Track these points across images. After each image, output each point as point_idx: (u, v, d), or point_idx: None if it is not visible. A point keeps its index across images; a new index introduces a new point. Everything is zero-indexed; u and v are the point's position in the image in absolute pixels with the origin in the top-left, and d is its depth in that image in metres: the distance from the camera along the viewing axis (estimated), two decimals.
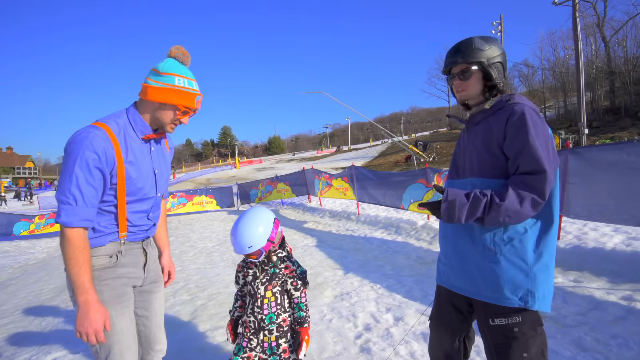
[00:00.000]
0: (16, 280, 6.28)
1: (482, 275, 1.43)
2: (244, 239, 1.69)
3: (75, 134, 1.36)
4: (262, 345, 1.81)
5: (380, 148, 43.90)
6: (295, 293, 1.83)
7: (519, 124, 1.34)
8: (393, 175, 8.06)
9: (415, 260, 5.05)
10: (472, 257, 1.46)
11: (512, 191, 1.31)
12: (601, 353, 2.36)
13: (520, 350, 1.35)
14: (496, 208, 1.31)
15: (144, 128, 1.52)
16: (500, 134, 1.40)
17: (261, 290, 1.80)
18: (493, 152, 1.42)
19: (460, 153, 1.62)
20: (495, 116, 1.44)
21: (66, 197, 1.32)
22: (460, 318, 1.60)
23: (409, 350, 2.56)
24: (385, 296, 3.73)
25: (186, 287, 4.51)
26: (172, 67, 1.48)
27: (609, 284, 3.48)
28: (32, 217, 11.60)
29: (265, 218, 1.75)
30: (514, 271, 1.37)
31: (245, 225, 1.71)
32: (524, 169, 1.33)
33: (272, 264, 1.81)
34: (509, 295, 1.36)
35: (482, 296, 1.43)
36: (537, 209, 1.31)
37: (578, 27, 18.53)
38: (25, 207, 27.44)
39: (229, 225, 10.18)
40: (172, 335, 3.05)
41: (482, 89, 1.50)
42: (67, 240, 1.32)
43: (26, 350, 3.10)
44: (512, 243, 1.38)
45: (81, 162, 1.32)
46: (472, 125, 1.55)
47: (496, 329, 1.39)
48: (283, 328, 1.82)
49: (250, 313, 1.82)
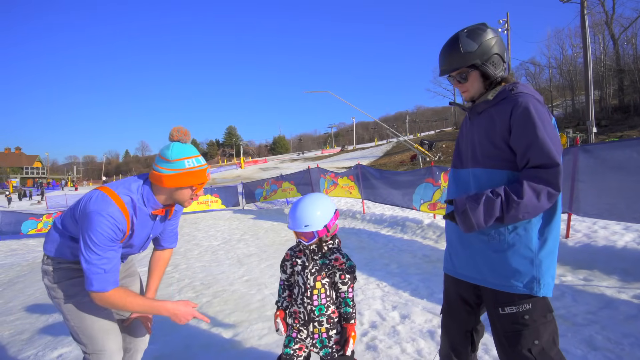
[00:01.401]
0: (24, 277, 6.34)
1: (487, 263, 1.42)
2: (302, 216, 1.68)
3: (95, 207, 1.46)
4: (312, 337, 1.79)
5: (385, 147, 43.76)
6: (342, 287, 1.78)
7: (525, 117, 1.32)
8: (399, 174, 8.00)
9: (421, 259, 5.01)
10: (477, 245, 1.45)
11: (528, 187, 1.28)
12: (613, 352, 2.30)
13: (532, 337, 1.34)
14: (515, 206, 1.29)
15: (155, 205, 1.63)
16: (504, 126, 1.37)
17: (310, 281, 1.78)
18: (496, 144, 1.40)
19: (463, 142, 1.60)
20: (498, 107, 1.41)
21: (96, 268, 1.45)
22: (468, 310, 1.59)
23: (416, 348, 2.53)
24: (391, 294, 3.69)
25: (191, 285, 4.51)
26: (179, 152, 1.56)
27: (620, 283, 3.42)
28: (40, 216, 11.72)
29: (327, 204, 1.75)
30: (519, 259, 1.36)
31: (307, 204, 1.71)
32: (535, 162, 1.30)
33: (321, 254, 1.79)
34: (514, 282, 1.36)
35: (487, 283, 1.42)
36: (552, 201, 1.30)
37: (586, 24, 18.27)
38: (34, 206, 27.76)
39: (234, 224, 10.20)
40: (176, 332, 3.06)
41: (483, 84, 1.47)
42: (108, 302, 1.49)
43: (33, 346, 3.11)
44: (517, 231, 1.37)
45: (101, 240, 1.44)
46: (475, 115, 1.52)
47: (506, 317, 1.38)
48: (333, 320, 1.80)
49: (300, 304, 1.80)
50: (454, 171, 1.63)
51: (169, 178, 1.55)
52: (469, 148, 1.52)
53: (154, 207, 1.63)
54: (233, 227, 9.66)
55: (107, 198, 1.49)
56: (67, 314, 1.61)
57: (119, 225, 1.49)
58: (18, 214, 12.09)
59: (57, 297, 1.62)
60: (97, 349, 1.59)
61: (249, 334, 2.93)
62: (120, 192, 1.54)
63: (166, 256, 1.97)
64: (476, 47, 1.40)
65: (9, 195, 32.83)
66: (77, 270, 1.60)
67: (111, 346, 1.62)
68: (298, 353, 1.80)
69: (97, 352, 1.59)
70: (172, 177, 1.55)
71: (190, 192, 1.63)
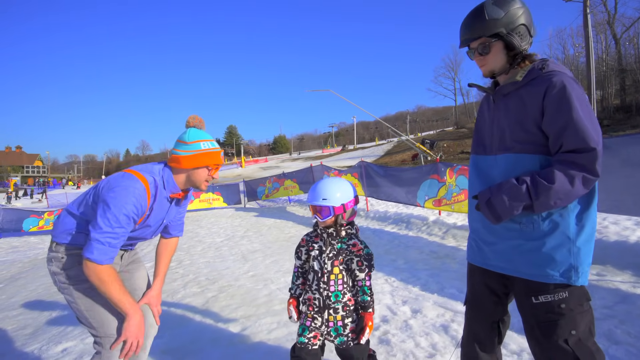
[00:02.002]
0: (26, 274, 6.28)
1: (519, 252, 1.34)
2: (322, 191, 1.71)
3: (121, 182, 1.53)
4: (327, 325, 1.74)
5: (386, 147, 43.66)
6: (359, 274, 1.74)
7: (560, 98, 1.23)
8: (404, 171, 7.94)
9: (428, 255, 4.95)
10: (508, 234, 1.37)
11: (560, 172, 1.20)
12: (634, 346, 2.24)
13: (569, 327, 1.26)
14: (545, 192, 1.21)
15: (174, 188, 1.70)
16: (536, 109, 1.28)
17: (328, 265, 1.73)
18: (526, 128, 1.31)
19: (485, 127, 1.51)
20: (529, 88, 1.31)
21: (104, 239, 1.47)
22: (495, 300, 1.51)
23: (430, 342, 2.47)
24: (400, 289, 3.63)
25: (196, 280, 4.45)
26: (195, 135, 1.68)
27: (634, 278, 3.35)
28: (42, 214, 11.66)
29: (347, 186, 1.77)
30: (555, 247, 1.28)
31: (328, 182, 1.76)
32: (569, 147, 1.22)
33: (339, 239, 1.75)
34: (550, 271, 1.28)
35: (520, 273, 1.34)
36: (589, 186, 1.22)
37: (589, 23, 18.17)
38: (34, 204, 27.71)
39: (237, 221, 10.14)
40: (184, 327, 3.00)
41: (506, 59, 1.37)
42: (97, 275, 1.48)
43: (37, 340, 3.06)
44: (552, 218, 1.29)
45: (122, 213, 1.48)
46: (500, 97, 1.42)
47: (540, 306, 1.30)
48: (349, 307, 1.75)
49: (315, 290, 1.75)
50: (475, 158, 1.54)
51: (186, 159, 1.65)
52: (494, 132, 1.43)
53: (172, 191, 1.70)
54: (235, 224, 9.60)
55: (133, 176, 1.57)
56: (77, 298, 1.60)
57: (141, 204, 1.54)
58: (19, 211, 12.02)
59: (66, 283, 1.60)
60: (109, 333, 1.60)
61: (257, 328, 2.87)
62: (145, 173, 1.61)
63: (173, 244, 2.01)
64: (502, 14, 1.30)
65: (10, 194, 32.76)
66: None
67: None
68: (313, 342, 1.75)
69: (109, 336, 1.60)
70: (190, 158, 1.65)
71: (206, 172, 1.71)
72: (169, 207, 1.75)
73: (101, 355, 1.59)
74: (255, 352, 2.50)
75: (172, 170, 1.69)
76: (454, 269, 4.22)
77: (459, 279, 3.77)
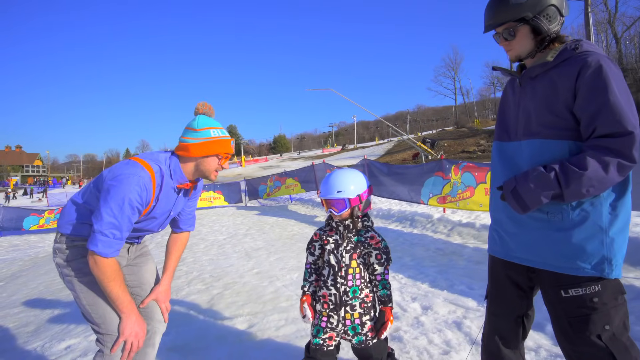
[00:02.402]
0: (27, 272, 6.22)
1: (548, 244, 1.27)
2: (336, 183, 1.64)
3: (125, 170, 1.46)
4: (343, 323, 1.65)
5: (386, 146, 43.59)
6: (378, 268, 1.66)
7: (595, 78, 1.15)
8: (408, 168, 7.89)
9: (435, 252, 4.89)
10: (534, 224, 1.30)
11: (592, 158, 1.13)
12: None
13: (602, 322, 1.19)
14: (576, 179, 1.14)
15: (182, 178, 1.62)
16: (568, 91, 1.21)
17: (346, 259, 1.65)
18: (556, 111, 1.24)
19: (510, 112, 1.43)
20: (560, 69, 1.24)
21: (107, 230, 1.41)
22: (520, 294, 1.44)
23: (444, 339, 2.40)
24: (409, 286, 3.57)
25: (200, 277, 4.39)
26: (205, 122, 1.60)
27: None
28: (42, 212, 11.60)
29: (361, 176, 1.71)
30: (586, 237, 1.20)
31: (341, 173, 1.69)
32: (604, 131, 1.14)
33: (355, 231, 1.67)
34: (581, 264, 1.20)
35: (549, 266, 1.27)
36: (624, 173, 1.15)
37: (590, 22, 18.11)
38: (34, 203, 27.63)
39: (239, 219, 10.08)
40: (189, 324, 2.94)
41: (533, 42, 1.30)
42: (100, 269, 1.42)
43: (39, 338, 2.99)
44: (582, 207, 1.21)
45: (125, 202, 1.41)
46: (527, 79, 1.35)
47: (571, 300, 1.23)
48: (367, 304, 1.66)
49: (332, 285, 1.66)
50: (498, 144, 1.47)
51: (195, 147, 1.56)
52: (520, 117, 1.36)
53: (180, 181, 1.62)
54: (238, 222, 9.54)
55: (137, 164, 1.49)
56: (79, 292, 1.55)
57: (146, 193, 1.47)
58: (20, 209, 11.94)
59: (70, 275, 1.55)
60: (110, 330, 1.54)
61: (265, 325, 2.81)
62: (150, 161, 1.53)
63: (184, 239, 1.94)
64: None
65: (9, 193, 32.68)
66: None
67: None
68: (328, 343, 1.67)
69: (111, 334, 1.54)
70: (199, 146, 1.56)
71: (216, 161, 1.63)
72: (176, 199, 1.67)
73: (103, 354, 1.54)
74: (264, 349, 2.44)
75: (180, 159, 1.61)
76: (462, 265, 4.16)
77: (468, 276, 3.71)
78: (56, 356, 2.57)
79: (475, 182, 5.79)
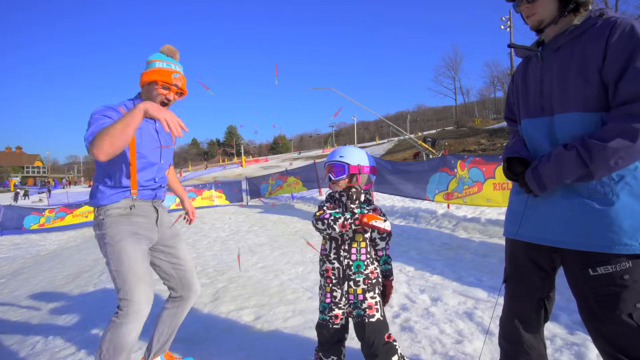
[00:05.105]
0: (28, 269, 6.17)
1: (587, 222, 1.18)
2: (340, 150, 1.71)
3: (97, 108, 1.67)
4: (347, 297, 1.62)
5: (387, 146, 43.54)
6: (380, 243, 1.68)
7: (627, 37, 1.09)
8: (412, 165, 7.84)
9: (440, 246, 4.84)
10: (569, 203, 1.22)
11: (615, 126, 1.08)
12: None
13: (633, 300, 1.13)
14: (600, 152, 1.08)
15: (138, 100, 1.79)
16: (598, 54, 1.14)
17: (349, 231, 1.61)
18: (587, 78, 1.16)
19: (530, 89, 1.37)
20: (587, 35, 1.18)
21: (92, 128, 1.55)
22: (542, 276, 1.38)
23: (455, 329, 2.36)
24: (416, 278, 3.53)
25: (205, 272, 4.34)
26: (155, 56, 1.79)
27: None
28: (43, 211, 11.54)
29: (366, 154, 1.73)
30: (633, 212, 1.13)
31: (348, 146, 1.80)
32: (627, 95, 1.08)
33: (359, 204, 1.64)
34: (628, 240, 1.12)
35: (587, 246, 1.18)
36: None
37: None
38: (35, 203, 27.60)
39: (241, 217, 10.03)
40: (196, 316, 2.89)
41: (557, 5, 1.24)
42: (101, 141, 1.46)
43: (41, 332, 2.94)
44: (625, 180, 1.15)
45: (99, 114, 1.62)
46: (550, 52, 1.29)
47: (599, 279, 1.17)
48: (371, 281, 1.62)
49: (335, 259, 1.63)
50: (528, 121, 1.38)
51: (142, 76, 1.76)
52: (545, 92, 1.30)
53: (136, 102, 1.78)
54: (240, 220, 9.49)
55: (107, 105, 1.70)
56: (110, 258, 1.68)
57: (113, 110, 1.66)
58: (20, 208, 11.88)
59: (107, 243, 1.69)
60: (127, 296, 1.64)
61: (272, 317, 2.76)
62: (118, 104, 1.74)
63: (172, 172, 2.21)
64: None
65: (20, 192, 32.65)
66: (124, 216, 1.73)
67: (140, 297, 1.66)
68: (334, 321, 1.65)
69: (127, 300, 1.64)
70: (144, 75, 1.76)
71: (155, 90, 1.75)
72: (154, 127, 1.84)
73: (114, 324, 1.62)
74: (272, 340, 2.39)
75: (140, 95, 1.83)
76: (469, 259, 4.11)
77: (476, 269, 3.66)
78: (58, 349, 2.53)
79: (484, 177, 5.73)
